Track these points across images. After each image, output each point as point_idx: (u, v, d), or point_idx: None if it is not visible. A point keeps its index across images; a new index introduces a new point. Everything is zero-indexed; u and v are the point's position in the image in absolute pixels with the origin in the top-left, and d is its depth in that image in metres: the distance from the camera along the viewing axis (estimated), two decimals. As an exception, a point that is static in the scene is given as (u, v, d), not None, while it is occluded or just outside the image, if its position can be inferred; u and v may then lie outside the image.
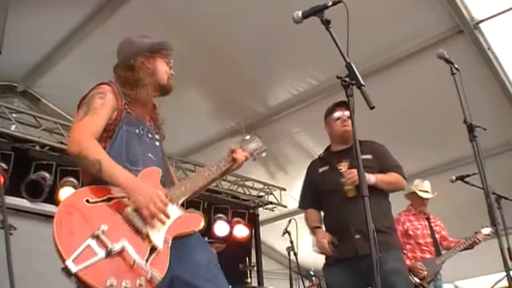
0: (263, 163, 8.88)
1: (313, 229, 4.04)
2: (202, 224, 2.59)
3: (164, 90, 2.93)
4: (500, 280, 7.52)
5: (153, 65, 2.87)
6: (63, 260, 2.07)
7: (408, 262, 5.78)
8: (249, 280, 7.25)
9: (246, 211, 8.59)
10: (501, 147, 7.48)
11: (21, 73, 7.57)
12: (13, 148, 6.12)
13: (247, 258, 7.70)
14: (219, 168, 2.91)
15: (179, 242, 2.48)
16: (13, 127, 6.43)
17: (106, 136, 2.62)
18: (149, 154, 2.70)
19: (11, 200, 5.88)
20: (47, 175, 6.24)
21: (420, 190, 6.24)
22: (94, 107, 2.58)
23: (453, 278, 9.33)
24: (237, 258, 7.33)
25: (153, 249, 2.29)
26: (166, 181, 2.75)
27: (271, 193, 8.88)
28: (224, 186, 8.43)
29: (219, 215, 8.02)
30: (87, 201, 2.31)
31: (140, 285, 2.15)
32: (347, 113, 3.93)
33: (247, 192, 8.74)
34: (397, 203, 4.52)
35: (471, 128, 3.37)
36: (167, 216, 2.43)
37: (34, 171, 6.22)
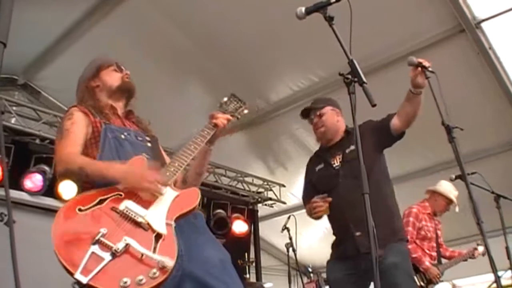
0: (263, 159, 8.89)
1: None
2: (199, 197, 2.51)
3: (122, 91, 2.96)
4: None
5: (99, 81, 2.97)
6: (72, 275, 2.05)
7: (427, 263, 5.75)
8: (247, 276, 7.27)
9: (245, 207, 8.58)
10: (501, 146, 7.49)
11: (21, 66, 7.57)
12: (13, 141, 6.11)
13: (245, 254, 7.72)
14: (203, 138, 2.83)
15: (191, 240, 2.46)
16: (13, 120, 6.42)
17: (92, 150, 2.66)
18: (144, 154, 2.67)
19: (11, 193, 5.87)
20: (47, 168, 6.23)
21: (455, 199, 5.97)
22: (66, 128, 2.68)
23: (451, 277, 9.35)
24: (236, 254, 7.34)
25: (158, 236, 2.25)
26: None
27: (271, 189, 8.89)
28: (223, 181, 8.43)
29: (218, 210, 8.03)
30: (80, 210, 2.29)
31: (154, 274, 2.09)
32: (312, 119, 3.96)
33: (247, 188, 8.74)
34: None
35: (449, 130, 3.39)
36: (162, 184, 2.45)
37: (34, 164, 6.22)
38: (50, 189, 6.15)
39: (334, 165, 3.84)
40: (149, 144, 2.84)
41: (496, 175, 6.27)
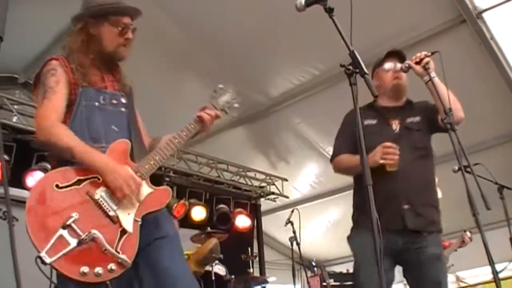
0: (265, 154, 8.88)
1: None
2: (169, 197, 2.58)
3: (111, 58, 2.71)
4: (501, 271, 7.51)
5: (97, 31, 2.66)
6: (38, 252, 2.12)
7: None
8: (251, 270, 7.26)
9: (248, 201, 8.62)
10: (503, 137, 7.46)
11: (22, 65, 7.57)
12: (14, 140, 6.12)
13: (249, 249, 7.71)
14: (189, 132, 2.75)
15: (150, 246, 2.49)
16: (14, 119, 6.41)
17: (66, 111, 2.51)
18: (112, 126, 2.58)
19: (13, 192, 5.85)
20: (48, 166, 6.22)
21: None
22: (50, 86, 2.49)
23: (454, 269, 9.35)
24: (239, 249, 7.33)
25: (123, 231, 2.34)
26: (136, 150, 2.62)
27: (273, 184, 8.88)
28: (226, 176, 8.43)
29: (221, 205, 8.04)
30: (57, 186, 2.29)
31: (112, 269, 2.25)
32: (399, 65, 3.54)
33: (249, 183, 8.74)
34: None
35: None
36: (139, 197, 2.46)
37: (36, 162, 6.21)
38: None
39: (393, 128, 3.49)
40: (123, 109, 2.69)
41: (499, 166, 6.25)
